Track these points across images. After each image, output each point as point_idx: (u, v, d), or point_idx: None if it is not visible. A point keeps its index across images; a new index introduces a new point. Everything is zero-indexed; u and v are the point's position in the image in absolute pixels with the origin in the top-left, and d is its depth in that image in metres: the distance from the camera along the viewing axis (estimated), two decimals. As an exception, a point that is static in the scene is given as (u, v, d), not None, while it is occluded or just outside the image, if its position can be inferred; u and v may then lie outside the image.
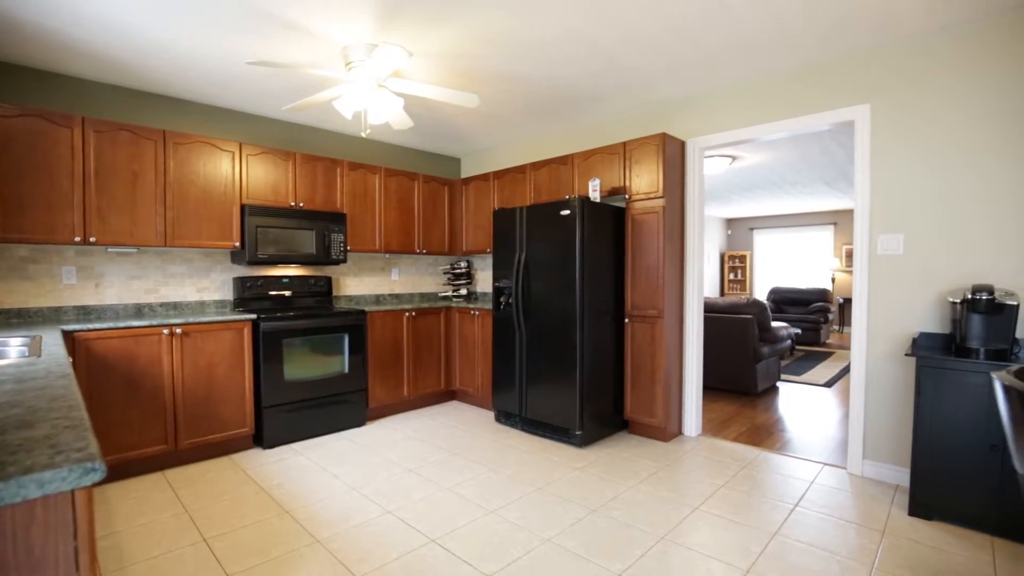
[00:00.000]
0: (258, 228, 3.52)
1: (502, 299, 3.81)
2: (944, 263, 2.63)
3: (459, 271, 5.09)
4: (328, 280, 4.19)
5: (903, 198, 2.75)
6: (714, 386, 5.01)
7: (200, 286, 3.66)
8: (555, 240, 3.43)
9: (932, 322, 2.67)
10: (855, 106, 2.88)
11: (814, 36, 2.69)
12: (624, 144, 3.56)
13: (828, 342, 8.68)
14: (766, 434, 3.67)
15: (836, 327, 9.89)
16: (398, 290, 4.90)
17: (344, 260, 3.99)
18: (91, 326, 2.73)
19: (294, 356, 3.48)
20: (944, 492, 2.32)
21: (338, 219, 3.94)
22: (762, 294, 10.83)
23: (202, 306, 3.67)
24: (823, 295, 9.14)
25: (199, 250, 3.65)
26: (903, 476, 2.75)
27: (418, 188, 4.62)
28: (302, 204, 3.84)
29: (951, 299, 2.43)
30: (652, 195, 3.43)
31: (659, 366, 3.41)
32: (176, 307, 3.55)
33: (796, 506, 2.54)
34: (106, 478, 2.84)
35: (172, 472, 3.00)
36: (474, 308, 4.35)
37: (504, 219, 3.79)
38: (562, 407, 3.42)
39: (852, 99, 2.90)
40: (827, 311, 8.72)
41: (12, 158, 2.72)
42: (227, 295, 3.79)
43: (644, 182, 3.47)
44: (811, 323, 8.46)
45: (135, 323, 2.89)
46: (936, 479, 2.34)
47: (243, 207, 3.51)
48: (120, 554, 2.11)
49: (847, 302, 9.70)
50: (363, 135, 3.45)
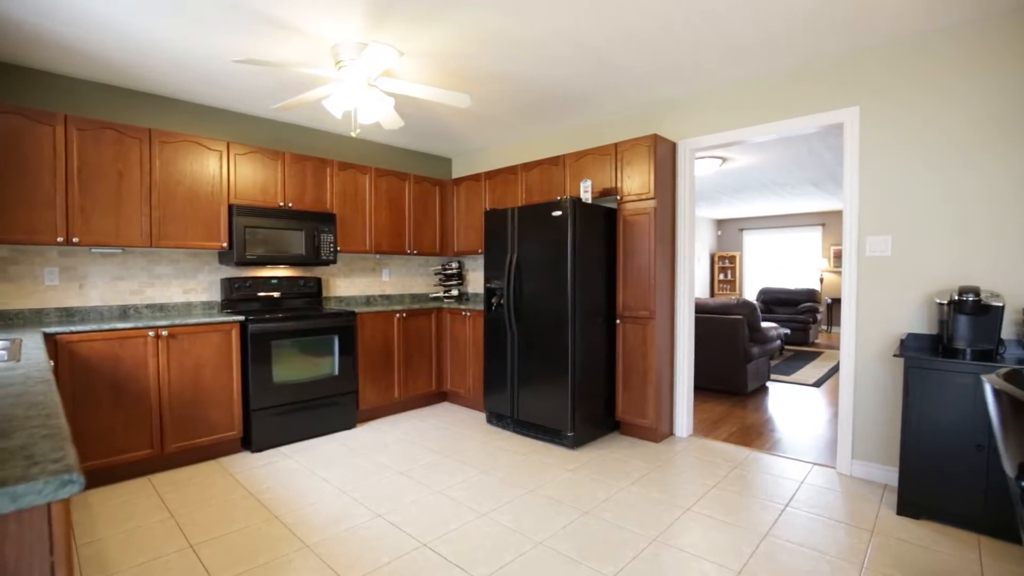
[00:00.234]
0: (246, 228, 3.47)
1: (493, 300, 3.79)
2: (931, 264, 2.66)
3: (450, 272, 5.07)
4: (318, 281, 4.14)
5: (891, 200, 2.77)
6: (705, 386, 5.03)
7: (187, 287, 3.60)
8: (547, 241, 3.42)
9: (920, 323, 2.70)
10: (845, 108, 2.90)
11: (804, 39, 2.71)
12: (616, 145, 3.56)
13: (816, 342, 8.77)
14: (756, 434, 3.69)
15: (824, 327, 10.00)
16: (389, 291, 4.86)
17: (334, 261, 3.95)
18: (74, 328, 2.68)
19: (283, 358, 3.44)
20: (931, 491, 2.35)
21: (328, 219, 3.90)
22: (752, 294, 10.91)
23: (189, 308, 3.61)
24: (811, 295, 9.23)
25: (186, 251, 3.59)
26: (891, 476, 2.78)
27: (409, 188, 4.59)
28: (291, 204, 3.80)
29: (938, 300, 2.46)
30: (643, 196, 3.43)
31: (650, 367, 3.42)
32: (162, 309, 3.49)
33: (787, 506, 2.55)
34: (90, 483, 2.78)
35: (158, 477, 2.95)
36: (465, 309, 4.33)
37: (495, 220, 3.78)
38: (554, 408, 3.41)
39: (842, 101, 2.92)
40: (815, 311, 8.81)
41: (-8, 157, 2.66)
42: (215, 296, 3.74)
43: (635, 183, 3.47)
44: (800, 323, 8.55)
45: (120, 325, 2.83)
46: (924, 479, 2.36)
47: (231, 207, 3.46)
48: (104, 562, 2.06)
49: (835, 302, 9.81)
50: (353, 135, 3.42)
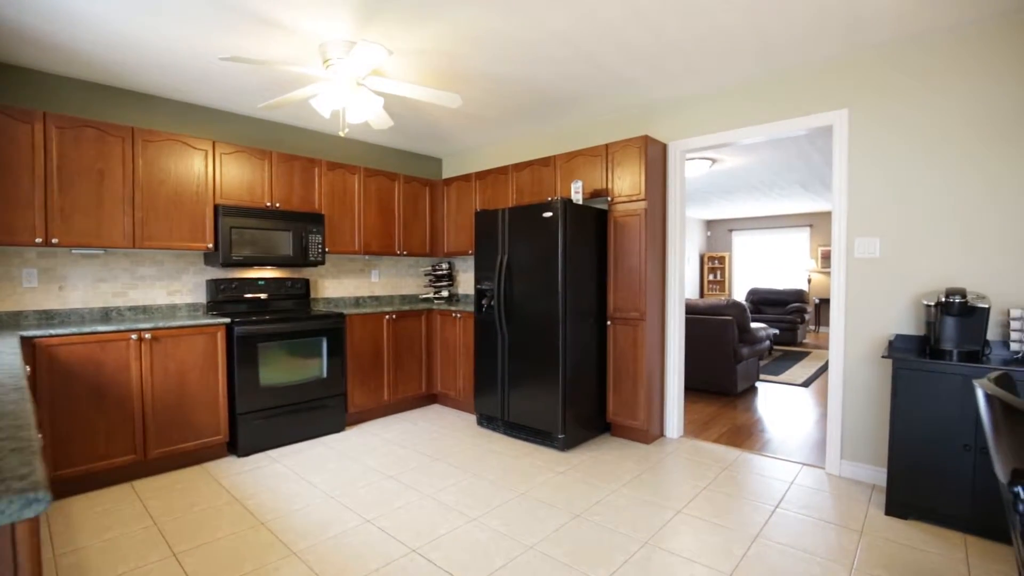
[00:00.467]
0: (232, 229, 3.41)
1: (484, 301, 3.77)
2: (919, 266, 2.68)
3: (440, 273, 5.03)
4: (306, 282, 4.09)
5: (880, 202, 2.79)
6: (695, 387, 5.05)
7: (171, 289, 3.54)
8: (537, 242, 3.41)
9: (908, 324, 2.72)
10: (834, 111, 2.92)
11: (795, 42, 2.71)
12: (607, 146, 3.55)
13: (805, 342, 8.84)
14: (746, 435, 3.70)
15: (812, 327, 10.10)
16: (378, 292, 4.81)
17: (322, 262, 3.90)
18: (53, 331, 2.61)
19: (270, 361, 3.39)
20: (919, 491, 2.36)
21: (316, 220, 3.85)
22: (741, 295, 10.99)
23: (173, 310, 3.54)
24: (800, 296, 9.32)
25: (170, 252, 3.52)
26: (880, 476, 2.80)
27: (398, 188, 4.55)
28: (278, 204, 3.74)
29: (925, 302, 2.48)
30: (634, 197, 3.42)
31: (641, 368, 3.41)
32: (146, 311, 3.42)
33: (777, 507, 2.55)
34: (71, 491, 2.71)
35: (141, 483, 2.88)
36: (456, 310, 4.30)
37: (486, 220, 3.75)
38: (544, 410, 3.39)
39: (831, 104, 2.94)
40: (804, 311, 8.88)
41: (-33, 155, 2.58)
42: (200, 298, 3.67)
43: (626, 184, 3.46)
44: (788, 323, 8.62)
45: (101, 328, 2.77)
46: (911, 479, 2.38)
47: (216, 207, 3.40)
48: (84, 572, 2.01)
49: (823, 302, 9.90)
50: (341, 134, 3.37)
